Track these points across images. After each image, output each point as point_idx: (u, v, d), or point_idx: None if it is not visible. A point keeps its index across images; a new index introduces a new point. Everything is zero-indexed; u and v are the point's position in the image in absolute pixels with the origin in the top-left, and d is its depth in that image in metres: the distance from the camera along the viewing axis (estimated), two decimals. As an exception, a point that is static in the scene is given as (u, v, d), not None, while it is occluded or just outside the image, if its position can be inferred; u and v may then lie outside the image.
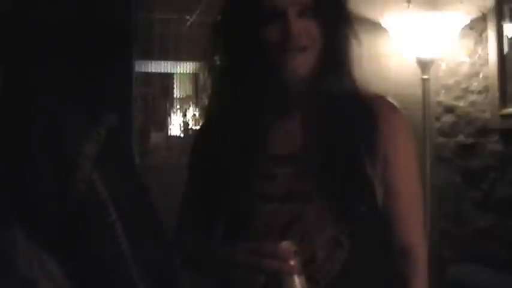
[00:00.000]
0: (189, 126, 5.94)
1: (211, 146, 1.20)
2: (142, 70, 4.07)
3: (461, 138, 2.85)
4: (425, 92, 2.75)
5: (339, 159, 1.13)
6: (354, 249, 1.11)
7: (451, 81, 2.90)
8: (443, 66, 2.93)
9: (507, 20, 2.52)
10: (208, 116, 1.28)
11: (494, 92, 2.58)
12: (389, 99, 1.22)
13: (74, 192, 0.79)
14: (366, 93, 1.18)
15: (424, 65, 2.72)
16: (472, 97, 2.76)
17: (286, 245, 1.02)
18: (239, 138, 1.15)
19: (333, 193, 1.11)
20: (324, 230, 1.10)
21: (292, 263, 1.00)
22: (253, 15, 1.11)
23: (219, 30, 1.20)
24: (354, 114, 1.16)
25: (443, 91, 2.96)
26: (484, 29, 2.64)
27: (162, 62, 5.06)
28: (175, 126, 5.97)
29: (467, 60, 2.77)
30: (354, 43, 1.17)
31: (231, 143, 1.15)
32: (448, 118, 2.93)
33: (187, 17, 4.89)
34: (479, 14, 2.66)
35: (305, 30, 1.10)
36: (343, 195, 1.11)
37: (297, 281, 1.00)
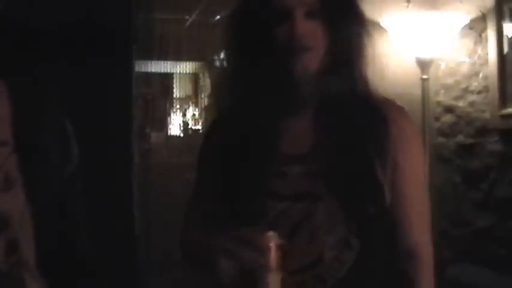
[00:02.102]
0: (189, 126, 5.96)
1: (221, 144, 1.20)
2: (143, 70, 4.08)
3: (460, 138, 2.85)
4: (424, 92, 2.75)
5: (349, 159, 1.13)
6: (362, 250, 1.11)
7: (450, 81, 2.90)
8: (443, 66, 2.93)
9: (507, 19, 2.52)
10: (218, 114, 1.28)
11: (494, 92, 2.57)
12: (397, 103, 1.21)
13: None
14: (375, 95, 1.18)
15: (424, 65, 2.72)
16: (472, 97, 2.76)
17: (266, 236, 0.92)
18: (250, 137, 1.16)
19: (343, 193, 1.11)
20: (333, 230, 1.10)
21: (270, 256, 0.90)
22: (262, 16, 1.12)
23: (229, 31, 1.21)
24: (363, 115, 1.16)
25: (442, 91, 2.96)
26: (484, 29, 2.64)
27: (162, 62, 5.07)
28: (175, 126, 5.99)
29: (467, 60, 2.77)
30: (366, 43, 1.17)
31: (241, 142, 1.16)
32: (447, 118, 2.93)
33: (187, 17, 4.90)
34: (479, 13, 2.66)
35: (311, 31, 1.11)
36: (352, 195, 1.11)
37: (272, 278, 0.90)
